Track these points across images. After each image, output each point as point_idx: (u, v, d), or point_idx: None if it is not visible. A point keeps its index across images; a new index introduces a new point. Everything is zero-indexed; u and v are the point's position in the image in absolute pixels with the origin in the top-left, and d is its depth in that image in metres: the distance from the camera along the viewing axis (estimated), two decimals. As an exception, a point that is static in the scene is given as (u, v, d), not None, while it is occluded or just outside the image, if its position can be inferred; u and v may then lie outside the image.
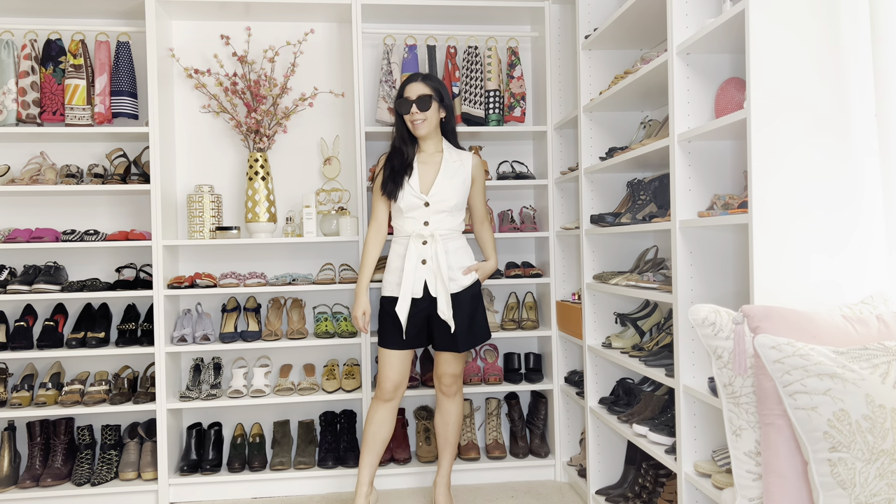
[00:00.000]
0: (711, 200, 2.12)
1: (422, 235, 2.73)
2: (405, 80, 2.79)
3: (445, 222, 2.76)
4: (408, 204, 2.74)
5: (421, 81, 2.75)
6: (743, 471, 1.63)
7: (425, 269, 2.73)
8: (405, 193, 2.74)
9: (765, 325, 1.57)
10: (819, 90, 1.77)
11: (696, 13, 2.13)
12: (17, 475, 3.19)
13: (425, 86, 2.74)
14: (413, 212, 2.74)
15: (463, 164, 2.82)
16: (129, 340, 3.23)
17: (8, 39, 3.20)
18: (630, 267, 2.96)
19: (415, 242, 2.73)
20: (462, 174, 2.80)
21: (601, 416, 2.81)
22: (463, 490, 3.27)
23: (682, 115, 2.14)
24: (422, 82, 2.75)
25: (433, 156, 2.82)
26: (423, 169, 2.79)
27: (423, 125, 2.74)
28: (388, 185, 2.77)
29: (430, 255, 2.72)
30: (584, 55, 2.99)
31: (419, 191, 2.74)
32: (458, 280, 2.77)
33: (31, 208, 3.40)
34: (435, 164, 2.80)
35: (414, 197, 2.74)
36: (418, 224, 2.74)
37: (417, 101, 2.71)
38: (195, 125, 3.49)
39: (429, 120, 2.74)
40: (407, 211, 2.75)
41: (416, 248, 2.72)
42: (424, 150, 2.83)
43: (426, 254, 2.73)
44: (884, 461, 1.39)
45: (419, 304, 2.74)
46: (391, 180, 2.76)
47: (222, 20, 3.48)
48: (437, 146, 2.83)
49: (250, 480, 3.24)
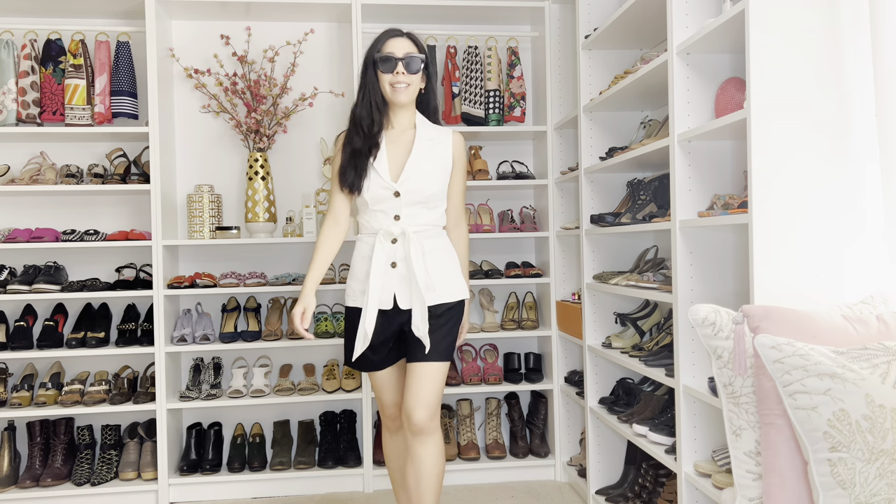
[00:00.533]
0: (711, 200, 2.12)
1: (391, 233, 2.21)
2: (383, 33, 2.28)
3: (421, 216, 2.24)
4: (374, 195, 2.21)
5: (407, 38, 2.26)
6: (743, 471, 1.63)
7: (395, 274, 2.21)
8: (370, 183, 2.21)
9: (765, 325, 1.57)
10: (819, 90, 1.77)
11: (696, 13, 2.13)
12: (17, 475, 3.19)
13: (412, 44, 2.25)
14: (381, 204, 2.22)
15: (441, 141, 2.29)
16: (129, 340, 3.23)
17: (8, 39, 3.20)
18: (630, 267, 2.96)
19: (382, 241, 2.21)
20: (440, 154, 2.27)
21: (601, 416, 2.81)
22: (463, 490, 3.27)
23: (682, 115, 2.14)
24: (408, 39, 2.26)
25: (404, 133, 2.28)
26: (393, 149, 2.25)
27: (407, 91, 2.22)
28: (347, 174, 2.22)
29: (402, 257, 2.21)
30: (584, 55, 2.99)
31: (388, 177, 2.21)
32: (437, 290, 2.23)
33: (31, 208, 3.40)
34: (406, 143, 2.26)
35: (381, 187, 2.21)
36: (387, 219, 2.22)
37: (405, 60, 2.20)
38: (195, 125, 3.49)
39: (413, 86, 2.24)
40: (373, 203, 2.22)
41: (384, 248, 2.21)
42: (395, 124, 2.29)
43: (396, 255, 2.22)
44: (884, 461, 1.39)
45: (389, 318, 2.24)
46: (352, 167, 2.22)
47: (222, 20, 3.48)
48: (409, 121, 2.30)
49: (250, 480, 3.24)
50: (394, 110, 2.28)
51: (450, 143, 2.30)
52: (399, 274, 2.21)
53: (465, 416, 3.48)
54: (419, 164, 2.22)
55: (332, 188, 2.34)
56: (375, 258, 2.20)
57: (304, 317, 2.27)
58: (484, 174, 3.44)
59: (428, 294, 2.20)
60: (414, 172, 2.21)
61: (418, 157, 2.22)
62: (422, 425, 2.16)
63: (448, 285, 2.26)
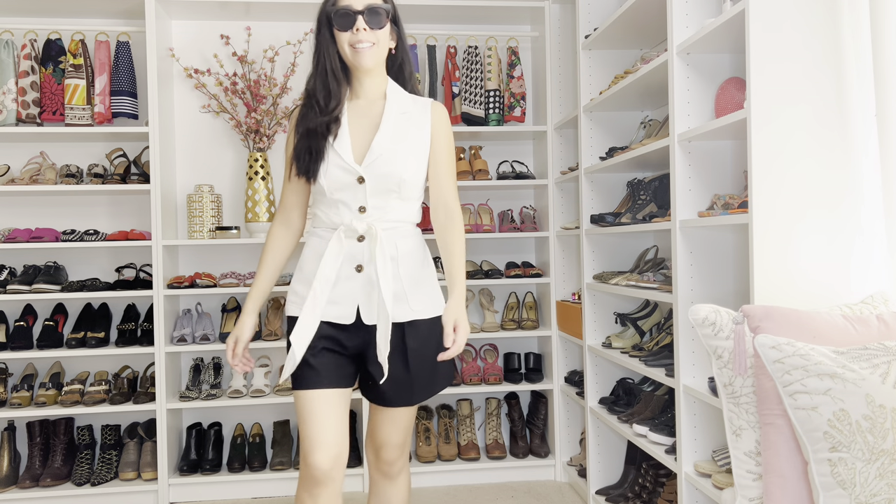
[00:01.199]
0: (711, 200, 2.12)
1: (354, 229, 1.77)
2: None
3: (393, 209, 1.80)
4: (333, 179, 1.77)
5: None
6: (743, 471, 1.63)
7: (361, 280, 1.77)
8: (328, 165, 1.77)
9: (765, 325, 1.57)
10: (819, 90, 1.77)
11: (696, 13, 2.13)
12: (17, 475, 3.19)
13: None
14: (341, 192, 1.78)
15: (417, 114, 1.85)
16: (129, 340, 3.23)
17: (8, 39, 3.20)
18: (630, 267, 2.96)
19: (342, 239, 1.78)
20: (417, 130, 1.83)
21: (601, 416, 2.81)
22: (463, 490, 3.27)
23: (682, 115, 2.14)
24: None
25: (373, 105, 1.84)
26: (357, 125, 1.82)
27: (371, 52, 1.78)
28: (301, 158, 1.80)
29: (369, 260, 1.77)
30: (584, 55, 2.99)
31: (350, 158, 1.77)
32: (411, 302, 1.80)
33: (31, 208, 3.40)
34: (374, 117, 1.82)
35: (341, 169, 1.77)
36: (350, 212, 1.78)
37: (366, 13, 1.76)
38: (195, 125, 3.49)
39: (379, 45, 1.79)
40: (332, 191, 1.78)
41: (346, 246, 1.78)
42: (361, 94, 1.85)
43: (362, 257, 1.78)
44: (884, 461, 1.39)
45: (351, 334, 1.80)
46: (306, 150, 1.79)
47: (222, 20, 3.48)
48: (378, 89, 1.85)
49: (250, 480, 3.24)
50: (358, 77, 1.83)
51: (428, 116, 1.85)
52: (366, 280, 1.78)
53: (465, 416, 3.48)
54: (389, 142, 1.78)
55: (284, 178, 1.90)
56: (329, 255, 1.76)
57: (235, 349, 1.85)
58: (484, 174, 3.44)
59: (398, 307, 1.78)
60: (383, 152, 1.77)
61: (388, 134, 1.79)
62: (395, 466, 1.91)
63: (425, 296, 1.83)
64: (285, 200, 1.90)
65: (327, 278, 1.77)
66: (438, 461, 3.36)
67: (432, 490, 3.27)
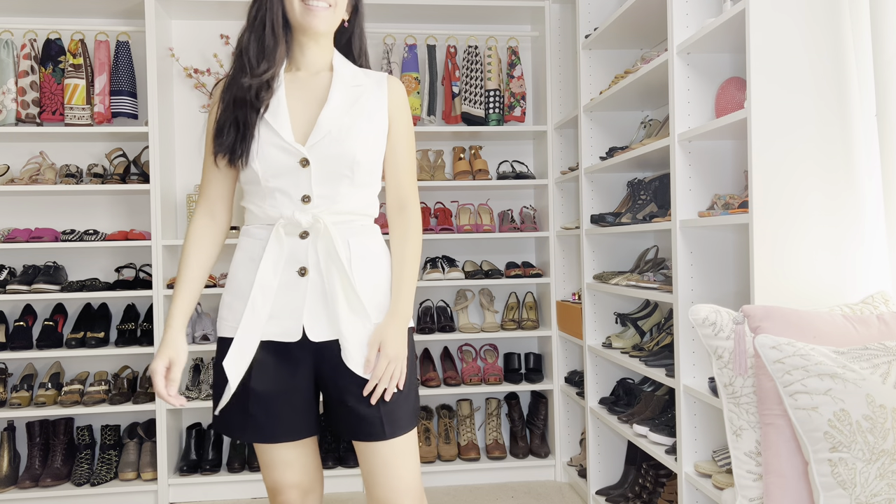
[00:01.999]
0: (712, 200, 2.12)
1: (297, 223, 1.47)
2: None
3: (343, 198, 1.50)
4: (269, 163, 1.46)
5: None
6: (743, 471, 1.63)
7: (305, 286, 1.48)
8: (260, 144, 1.46)
9: (765, 325, 1.57)
10: (819, 89, 1.77)
11: (697, 13, 2.13)
12: (17, 475, 3.19)
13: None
14: (279, 178, 1.47)
15: (374, 88, 1.56)
16: (129, 340, 3.23)
17: (7, 39, 3.19)
18: (630, 267, 2.96)
19: (281, 236, 1.49)
20: (371, 106, 1.53)
21: (601, 417, 2.81)
22: (463, 490, 3.27)
23: (682, 115, 2.14)
24: None
25: (316, 76, 1.55)
26: (298, 97, 1.52)
27: (326, 15, 1.49)
28: (226, 133, 1.48)
29: (315, 262, 1.48)
30: (585, 55, 2.99)
31: (289, 136, 1.47)
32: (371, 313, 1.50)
33: (31, 208, 3.40)
34: (318, 90, 1.53)
35: (278, 149, 1.46)
36: (290, 202, 1.48)
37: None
38: (195, 125, 3.48)
39: (336, 9, 1.51)
40: (268, 177, 1.47)
41: (284, 245, 1.49)
42: (302, 64, 1.55)
43: (306, 257, 1.48)
44: (884, 461, 1.39)
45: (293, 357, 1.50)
46: (231, 124, 1.47)
47: (222, 20, 3.48)
48: (323, 60, 1.56)
49: (250, 480, 3.24)
50: (300, 43, 1.53)
51: (384, 90, 1.56)
52: (311, 286, 1.47)
53: (465, 417, 3.48)
54: (339, 117, 1.48)
55: (205, 162, 1.56)
56: (269, 256, 1.47)
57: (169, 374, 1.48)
58: (484, 174, 3.44)
59: (356, 319, 1.48)
60: (332, 129, 1.47)
61: (338, 107, 1.49)
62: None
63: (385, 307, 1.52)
64: (207, 190, 1.55)
65: (268, 285, 1.46)
66: (438, 461, 3.36)
67: (432, 490, 3.27)
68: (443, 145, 3.61)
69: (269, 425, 1.49)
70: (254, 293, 1.46)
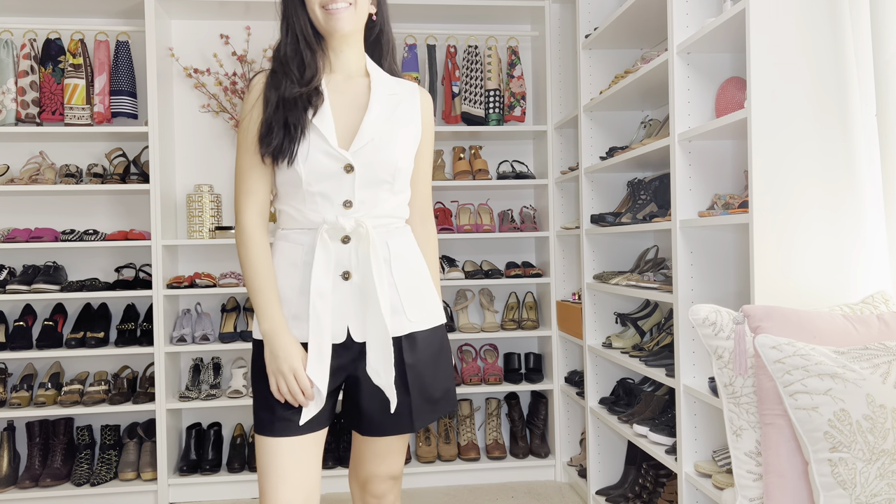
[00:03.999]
0: (712, 200, 2.12)
1: (340, 228, 1.50)
2: None
3: (382, 203, 1.54)
4: (314, 167, 1.48)
5: None
6: (743, 471, 1.63)
7: (348, 290, 1.52)
8: (309, 147, 1.48)
9: (765, 325, 1.57)
10: (819, 90, 1.77)
11: (697, 13, 2.13)
12: (17, 475, 3.19)
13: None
14: (322, 182, 1.50)
15: (407, 98, 1.60)
16: (129, 340, 3.23)
17: (7, 39, 3.19)
18: (630, 267, 2.96)
19: (327, 241, 1.50)
20: (407, 116, 1.58)
21: (601, 417, 2.81)
22: (463, 490, 3.27)
23: (682, 115, 2.14)
24: None
25: (351, 81, 1.58)
26: (338, 103, 1.54)
27: (348, 14, 1.50)
28: (273, 133, 1.48)
29: (356, 265, 1.52)
30: (585, 54, 2.99)
31: (335, 142, 1.49)
32: (409, 313, 1.56)
33: (31, 208, 3.39)
34: (356, 96, 1.56)
35: (326, 154, 1.49)
36: (332, 207, 1.51)
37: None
38: (194, 125, 3.48)
39: (357, 6, 1.52)
40: (311, 182, 1.49)
41: (330, 250, 1.50)
42: (336, 68, 1.58)
43: (349, 261, 1.52)
44: (884, 461, 1.39)
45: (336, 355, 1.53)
46: (279, 124, 1.48)
47: (222, 19, 3.48)
48: (358, 64, 1.59)
49: (250, 480, 3.24)
50: (333, 47, 1.56)
51: (418, 101, 1.61)
52: (355, 289, 1.51)
53: (465, 417, 3.48)
54: (381, 123, 1.52)
55: (244, 162, 1.54)
56: (318, 265, 1.48)
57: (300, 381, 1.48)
58: (484, 174, 3.44)
59: (395, 319, 1.53)
60: (374, 136, 1.50)
61: (379, 116, 1.52)
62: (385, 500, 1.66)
63: (422, 305, 1.58)
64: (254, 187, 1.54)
65: (325, 291, 1.48)
66: (438, 461, 3.36)
67: (432, 490, 3.27)
68: (443, 145, 3.61)
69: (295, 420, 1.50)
70: (313, 301, 1.48)
